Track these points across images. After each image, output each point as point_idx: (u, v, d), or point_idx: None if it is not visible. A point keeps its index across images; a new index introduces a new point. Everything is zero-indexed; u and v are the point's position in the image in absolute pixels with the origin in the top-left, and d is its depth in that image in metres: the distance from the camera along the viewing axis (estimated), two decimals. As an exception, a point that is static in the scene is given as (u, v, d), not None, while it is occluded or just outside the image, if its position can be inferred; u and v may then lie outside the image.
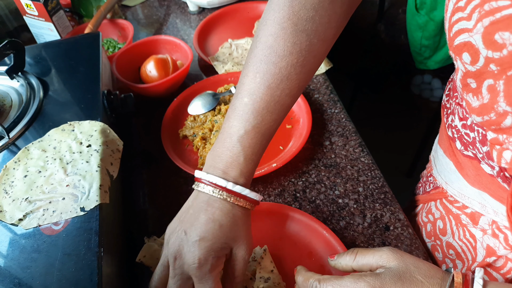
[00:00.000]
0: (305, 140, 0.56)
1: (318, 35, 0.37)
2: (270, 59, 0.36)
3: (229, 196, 0.36)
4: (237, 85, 0.39)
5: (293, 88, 0.37)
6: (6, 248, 0.37)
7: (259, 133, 0.37)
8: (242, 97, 0.38)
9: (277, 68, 0.36)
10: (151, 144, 0.63)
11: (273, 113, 0.37)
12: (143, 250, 0.43)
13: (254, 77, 0.37)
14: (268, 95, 0.37)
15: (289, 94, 0.37)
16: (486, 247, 0.42)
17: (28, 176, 0.42)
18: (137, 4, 0.99)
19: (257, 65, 0.37)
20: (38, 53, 0.59)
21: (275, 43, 0.36)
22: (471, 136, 0.38)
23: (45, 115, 0.49)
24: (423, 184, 0.56)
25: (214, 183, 0.37)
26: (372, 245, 0.47)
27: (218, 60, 0.75)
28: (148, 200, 0.56)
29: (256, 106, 0.37)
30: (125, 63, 0.71)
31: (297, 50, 0.36)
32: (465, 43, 0.29)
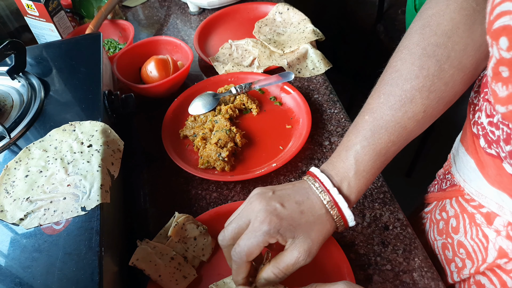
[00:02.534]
0: (304, 140, 0.56)
1: (450, 62, 0.36)
2: (395, 81, 0.37)
3: (330, 201, 0.37)
4: (364, 106, 0.40)
5: (417, 113, 0.37)
6: (7, 248, 0.37)
7: (374, 151, 0.38)
8: (364, 114, 0.39)
9: (401, 90, 0.37)
10: (151, 144, 0.63)
11: (392, 134, 0.38)
12: (136, 253, 0.43)
13: (378, 97, 0.38)
14: (389, 115, 0.37)
15: (412, 118, 0.37)
16: (498, 249, 0.42)
17: (29, 176, 0.42)
18: (138, 5, 0.99)
19: (382, 86, 0.38)
20: (39, 53, 0.60)
21: (402, 66, 0.37)
22: (496, 134, 0.38)
23: (46, 115, 0.49)
24: (439, 182, 0.55)
25: (322, 182, 0.38)
26: (371, 245, 0.47)
27: (218, 61, 0.75)
28: (148, 199, 0.56)
29: (375, 124, 0.38)
30: (125, 63, 0.71)
31: (424, 75, 0.36)
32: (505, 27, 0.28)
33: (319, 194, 0.37)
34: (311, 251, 0.36)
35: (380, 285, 0.43)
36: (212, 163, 0.56)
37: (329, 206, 0.37)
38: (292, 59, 0.71)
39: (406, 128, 0.38)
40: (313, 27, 0.76)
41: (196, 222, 0.48)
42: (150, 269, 0.42)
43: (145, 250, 0.43)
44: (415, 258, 0.45)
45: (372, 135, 0.38)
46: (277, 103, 0.66)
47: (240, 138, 0.58)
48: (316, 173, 0.39)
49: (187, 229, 0.46)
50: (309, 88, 0.68)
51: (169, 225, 0.48)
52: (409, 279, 0.44)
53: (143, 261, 0.43)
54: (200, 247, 0.46)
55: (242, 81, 0.68)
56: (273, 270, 0.36)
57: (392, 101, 0.37)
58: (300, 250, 0.35)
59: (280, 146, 0.59)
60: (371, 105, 0.39)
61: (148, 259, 0.43)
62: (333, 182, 0.38)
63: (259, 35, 0.80)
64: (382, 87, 0.38)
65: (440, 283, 0.43)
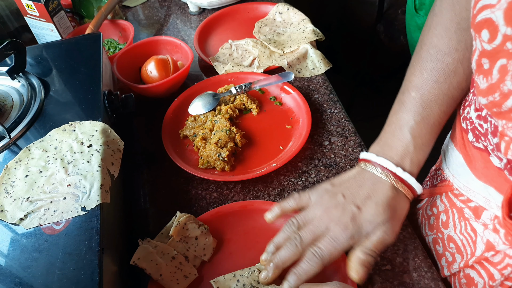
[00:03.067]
0: (304, 140, 0.56)
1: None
2: (436, 57, 0.39)
3: (396, 181, 0.39)
4: (403, 84, 0.42)
5: (461, 82, 0.40)
6: (7, 248, 0.37)
7: (429, 124, 0.40)
8: (409, 92, 0.41)
9: (443, 64, 0.39)
10: (151, 144, 0.63)
11: (442, 105, 0.40)
12: (138, 252, 0.43)
13: (420, 74, 0.40)
14: (436, 89, 0.39)
15: (457, 87, 0.40)
16: (486, 242, 0.43)
17: (29, 176, 0.42)
18: (138, 5, 0.99)
19: (423, 63, 0.40)
20: (39, 53, 0.60)
21: (440, 42, 0.39)
22: (484, 127, 0.39)
23: (46, 115, 0.49)
24: (430, 178, 0.56)
25: (385, 166, 0.40)
26: (371, 245, 0.47)
27: (218, 61, 0.75)
28: (148, 199, 0.56)
29: (424, 99, 0.40)
30: (125, 63, 0.71)
31: (463, 47, 0.38)
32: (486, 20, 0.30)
33: (385, 178, 0.39)
34: (395, 231, 0.40)
35: (380, 285, 0.43)
36: (212, 163, 0.56)
37: (398, 185, 0.39)
38: (292, 59, 0.71)
39: (453, 98, 0.40)
40: (313, 27, 0.76)
41: (198, 221, 0.48)
42: (151, 268, 0.43)
43: (146, 249, 0.44)
44: (415, 258, 0.45)
45: (424, 109, 0.40)
46: (277, 103, 0.66)
47: (240, 138, 0.58)
48: (373, 158, 0.40)
49: (188, 229, 0.47)
50: (309, 88, 0.68)
51: (171, 224, 0.48)
52: (409, 279, 0.44)
53: (144, 260, 0.43)
54: (201, 247, 0.46)
55: (242, 81, 0.68)
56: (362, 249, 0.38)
57: (436, 75, 0.39)
58: (384, 234, 0.38)
59: (280, 146, 0.59)
60: (414, 82, 0.40)
61: (149, 258, 0.43)
62: (395, 163, 0.40)
63: (259, 35, 0.80)
64: (423, 63, 0.40)
65: (440, 283, 0.43)
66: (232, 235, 0.48)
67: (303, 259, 0.38)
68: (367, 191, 0.40)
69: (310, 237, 0.39)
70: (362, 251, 0.38)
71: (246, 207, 0.50)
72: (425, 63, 0.40)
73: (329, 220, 0.39)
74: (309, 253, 0.38)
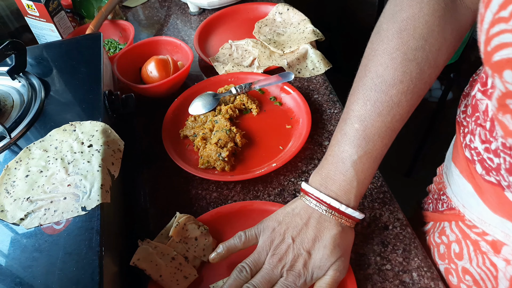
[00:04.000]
0: (304, 140, 0.57)
1: (428, 63, 0.38)
2: (381, 88, 0.38)
3: (340, 217, 0.39)
4: (344, 111, 0.41)
5: (403, 114, 0.39)
6: (8, 248, 0.37)
7: (371, 158, 0.39)
8: (352, 122, 0.39)
9: (387, 96, 0.38)
10: (152, 144, 0.63)
11: (384, 139, 0.39)
12: (137, 253, 0.43)
13: (364, 104, 0.38)
14: (379, 122, 0.38)
15: (399, 120, 0.39)
16: (510, 278, 0.40)
17: (30, 176, 0.42)
18: (138, 5, 0.99)
19: (368, 93, 0.38)
20: (40, 53, 0.60)
21: (385, 72, 0.38)
22: (495, 161, 0.37)
23: (46, 115, 0.49)
24: (433, 201, 0.53)
25: (328, 204, 0.39)
26: (371, 244, 0.47)
27: (218, 61, 0.75)
28: (149, 199, 0.56)
29: (367, 132, 0.38)
30: (126, 63, 0.71)
31: (408, 79, 0.37)
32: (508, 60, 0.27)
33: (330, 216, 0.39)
34: (346, 266, 0.40)
35: (380, 285, 0.44)
36: (212, 163, 0.56)
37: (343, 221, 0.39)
38: (292, 59, 0.71)
39: (395, 130, 0.39)
40: (313, 27, 0.77)
41: (197, 222, 0.48)
42: (151, 269, 0.43)
43: (146, 250, 0.44)
44: (415, 258, 0.45)
45: (366, 144, 0.38)
46: (277, 103, 0.66)
47: (240, 138, 0.58)
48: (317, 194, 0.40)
49: (188, 229, 0.47)
50: (309, 88, 0.68)
51: (170, 225, 0.48)
52: (408, 279, 0.44)
53: (144, 261, 0.43)
54: (201, 248, 0.46)
55: (242, 81, 0.69)
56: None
57: (380, 108, 0.38)
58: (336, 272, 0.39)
59: (280, 146, 0.59)
60: (358, 112, 0.39)
61: (149, 259, 0.43)
62: (340, 200, 0.39)
63: (259, 35, 0.80)
64: (367, 92, 0.39)
65: (440, 283, 0.43)
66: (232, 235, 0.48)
67: None
68: (314, 232, 0.39)
69: (266, 286, 0.38)
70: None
71: (245, 207, 0.50)
72: (369, 92, 0.38)
73: (281, 267, 0.38)
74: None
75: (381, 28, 0.40)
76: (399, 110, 0.38)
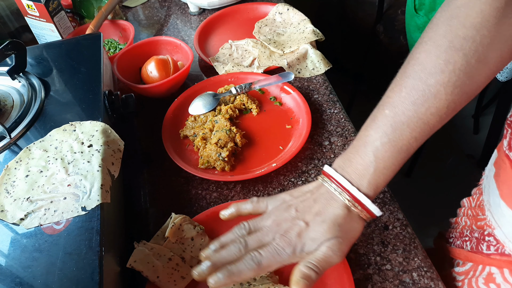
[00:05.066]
0: (304, 140, 0.57)
1: (477, 56, 0.34)
2: (419, 75, 0.35)
3: (350, 200, 0.37)
4: (382, 98, 0.38)
5: (441, 108, 0.35)
6: (8, 247, 0.37)
7: (395, 147, 0.36)
8: (383, 108, 0.37)
9: (425, 85, 0.35)
10: (152, 144, 0.63)
11: (414, 130, 0.36)
12: (134, 255, 0.43)
13: (399, 91, 0.36)
14: (411, 111, 0.35)
15: (435, 114, 0.35)
16: None
17: (30, 176, 0.42)
18: (138, 5, 0.99)
19: (405, 79, 0.36)
20: (40, 53, 0.60)
21: (427, 59, 0.35)
22: None
23: (46, 115, 0.49)
24: (471, 239, 0.49)
25: (340, 183, 0.37)
26: (371, 244, 0.47)
27: (218, 61, 0.75)
28: (149, 199, 0.56)
29: (396, 120, 0.36)
30: (126, 63, 0.71)
31: (450, 69, 0.34)
32: None
33: (339, 195, 0.37)
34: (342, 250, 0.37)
35: (380, 284, 0.44)
36: (212, 163, 0.56)
37: (351, 204, 0.37)
38: (292, 59, 0.71)
39: (428, 124, 0.36)
40: (313, 27, 0.77)
41: (193, 222, 0.48)
42: (148, 270, 0.43)
43: (142, 251, 0.43)
44: (415, 258, 0.45)
45: (393, 131, 0.36)
46: (277, 103, 0.66)
47: (240, 138, 0.58)
48: (332, 173, 0.38)
49: (184, 230, 0.47)
50: (309, 88, 0.68)
51: (166, 226, 0.48)
52: (408, 279, 0.44)
53: (140, 263, 0.43)
54: (197, 248, 0.46)
55: (242, 81, 0.69)
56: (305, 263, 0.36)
57: (415, 96, 0.35)
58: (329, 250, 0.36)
59: (280, 146, 0.59)
60: (391, 99, 0.37)
61: (145, 261, 0.43)
62: (351, 182, 0.37)
63: (259, 35, 0.80)
64: (404, 80, 0.36)
65: (440, 283, 0.43)
66: None
67: (241, 259, 0.37)
68: (319, 207, 0.38)
69: (255, 245, 0.38)
70: (304, 265, 0.36)
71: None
72: (407, 80, 0.36)
73: (276, 232, 0.38)
74: (248, 255, 0.37)
75: (434, 17, 0.37)
76: (436, 103, 0.35)
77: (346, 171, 0.38)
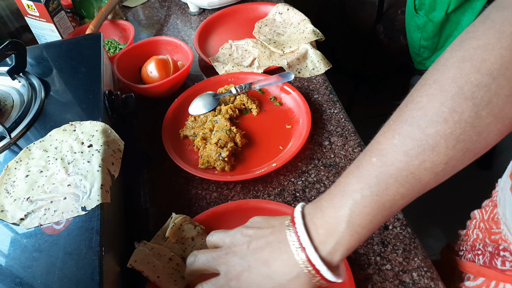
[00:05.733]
0: (304, 140, 0.57)
1: (490, 108, 0.29)
2: (417, 122, 0.30)
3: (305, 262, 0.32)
4: (371, 142, 0.33)
5: (438, 164, 0.30)
6: (8, 247, 0.37)
7: (377, 203, 0.31)
8: (370, 155, 0.32)
9: (422, 134, 0.29)
10: (152, 144, 0.63)
11: (402, 185, 0.30)
12: (134, 255, 0.43)
13: (391, 137, 0.31)
14: (402, 162, 0.30)
15: (430, 169, 0.30)
16: None
17: (30, 176, 0.42)
18: (138, 5, 0.99)
19: (399, 125, 0.31)
20: (40, 53, 0.60)
21: (429, 105, 0.30)
22: None
23: (46, 115, 0.49)
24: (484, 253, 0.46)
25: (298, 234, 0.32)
26: (371, 244, 0.47)
27: (218, 61, 0.75)
28: (149, 199, 0.56)
29: (383, 170, 0.30)
30: (126, 63, 0.71)
31: (455, 120, 0.29)
32: None
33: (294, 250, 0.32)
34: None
35: (380, 284, 0.44)
36: (212, 163, 0.56)
37: (304, 267, 0.31)
38: (292, 59, 0.71)
39: (420, 181, 0.30)
40: (313, 27, 0.77)
41: (194, 222, 0.48)
42: (148, 270, 0.43)
43: (143, 251, 0.43)
44: (415, 258, 0.45)
45: (377, 183, 0.31)
46: (277, 103, 0.66)
47: (240, 138, 0.58)
48: (297, 221, 0.33)
49: (184, 230, 0.47)
50: (309, 88, 0.68)
51: (167, 226, 0.48)
52: (408, 279, 0.44)
53: (141, 263, 0.43)
54: (198, 247, 0.46)
55: (242, 81, 0.69)
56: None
57: (409, 145, 0.30)
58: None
59: (280, 146, 0.59)
60: (381, 145, 0.31)
61: (146, 261, 0.43)
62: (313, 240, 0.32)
63: (259, 35, 0.80)
64: (399, 125, 0.31)
65: (440, 283, 0.43)
66: None
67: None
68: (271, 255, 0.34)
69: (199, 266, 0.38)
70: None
71: (241, 206, 0.50)
72: (402, 125, 0.31)
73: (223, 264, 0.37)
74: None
75: (442, 57, 0.32)
76: (433, 157, 0.29)
77: (314, 222, 0.33)
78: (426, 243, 0.93)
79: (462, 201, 1.39)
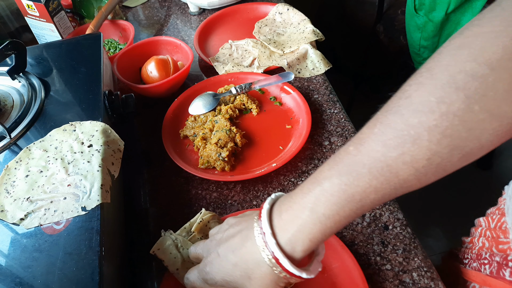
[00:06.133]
0: (304, 140, 0.57)
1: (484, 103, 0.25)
2: (401, 111, 0.27)
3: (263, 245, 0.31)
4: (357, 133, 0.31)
5: (418, 159, 0.27)
6: (8, 248, 0.37)
7: (345, 193, 0.28)
8: (349, 143, 0.30)
9: (404, 124, 0.27)
10: (152, 144, 0.63)
11: (375, 178, 0.28)
12: (158, 243, 0.44)
13: (373, 126, 0.29)
14: (379, 152, 0.27)
15: (409, 164, 0.27)
16: None
17: (30, 176, 0.42)
18: (138, 5, 0.99)
19: (384, 114, 0.29)
20: (40, 53, 0.60)
21: (416, 93, 0.27)
22: None
23: (46, 115, 0.49)
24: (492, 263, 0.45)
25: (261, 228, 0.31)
26: (371, 244, 0.47)
27: (218, 61, 0.75)
28: (149, 199, 0.56)
29: (356, 160, 0.28)
30: (126, 63, 0.71)
31: (442, 111, 0.26)
32: None
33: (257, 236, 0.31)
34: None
35: (380, 285, 0.44)
36: (212, 163, 0.56)
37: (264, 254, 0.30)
38: (292, 59, 0.71)
39: (397, 175, 0.27)
40: (313, 27, 0.77)
41: (221, 221, 0.48)
42: (168, 261, 0.43)
43: (166, 240, 0.44)
44: (415, 258, 0.45)
45: (348, 172, 0.28)
46: (277, 103, 0.66)
47: (240, 138, 0.58)
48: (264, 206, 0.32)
49: (211, 227, 0.47)
50: (309, 88, 0.68)
51: (194, 220, 0.48)
52: (408, 279, 0.44)
53: (163, 252, 0.43)
54: None
55: (242, 81, 0.69)
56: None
57: (388, 135, 0.27)
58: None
59: (280, 146, 0.59)
60: (362, 134, 0.29)
61: (168, 251, 0.43)
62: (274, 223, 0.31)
63: (259, 35, 0.80)
64: (383, 114, 0.29)
65: (440, 283, 0.43)
66: None
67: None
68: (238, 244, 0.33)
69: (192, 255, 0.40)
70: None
71: None
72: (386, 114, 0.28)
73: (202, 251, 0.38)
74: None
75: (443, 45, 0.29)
76: (413, 150, 0.27)
77: (280, 208, 0.32)
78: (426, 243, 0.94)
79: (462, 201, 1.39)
